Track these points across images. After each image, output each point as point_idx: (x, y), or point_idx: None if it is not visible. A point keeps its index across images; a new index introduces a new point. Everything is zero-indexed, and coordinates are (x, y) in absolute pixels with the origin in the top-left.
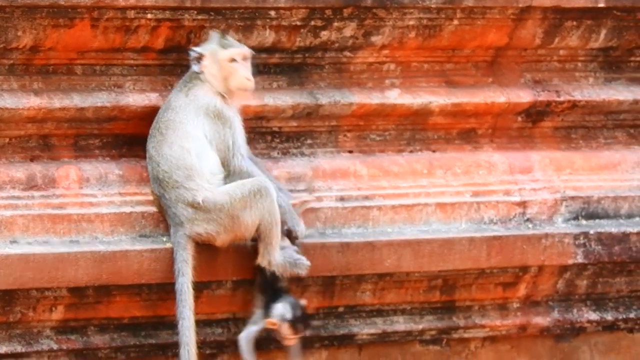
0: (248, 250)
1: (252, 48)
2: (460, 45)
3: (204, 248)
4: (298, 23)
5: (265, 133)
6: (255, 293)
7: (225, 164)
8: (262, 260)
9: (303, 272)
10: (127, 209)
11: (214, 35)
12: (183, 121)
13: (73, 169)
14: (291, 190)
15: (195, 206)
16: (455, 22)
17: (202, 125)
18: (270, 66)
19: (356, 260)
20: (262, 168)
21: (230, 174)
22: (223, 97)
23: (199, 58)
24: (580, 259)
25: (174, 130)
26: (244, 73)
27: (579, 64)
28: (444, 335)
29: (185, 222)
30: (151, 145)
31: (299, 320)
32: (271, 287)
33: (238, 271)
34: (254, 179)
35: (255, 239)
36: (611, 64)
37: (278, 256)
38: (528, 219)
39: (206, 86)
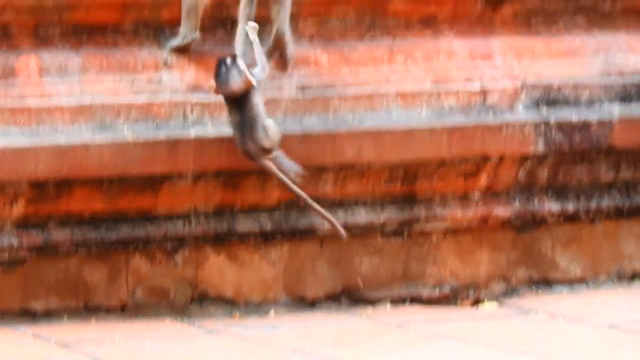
0: (210, 141)
1: None
2: None
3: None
4: None
5: (225, 21)
6: None
7: None
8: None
9: None
10: (87, 99)
11: None
12: None
13: (33, 59)
14: None
15: None
16: None
17: None
18: None
19: (317, 151)
20: None
21: None
22: None
23: None
24: (541, 148)
25: None
26: None
27: None
28: (406, 228)
29: None
30: None
31: None
32: None
33: (198, 163)
34: None
35: None
36: None
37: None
38: (489, 108)
39: None
